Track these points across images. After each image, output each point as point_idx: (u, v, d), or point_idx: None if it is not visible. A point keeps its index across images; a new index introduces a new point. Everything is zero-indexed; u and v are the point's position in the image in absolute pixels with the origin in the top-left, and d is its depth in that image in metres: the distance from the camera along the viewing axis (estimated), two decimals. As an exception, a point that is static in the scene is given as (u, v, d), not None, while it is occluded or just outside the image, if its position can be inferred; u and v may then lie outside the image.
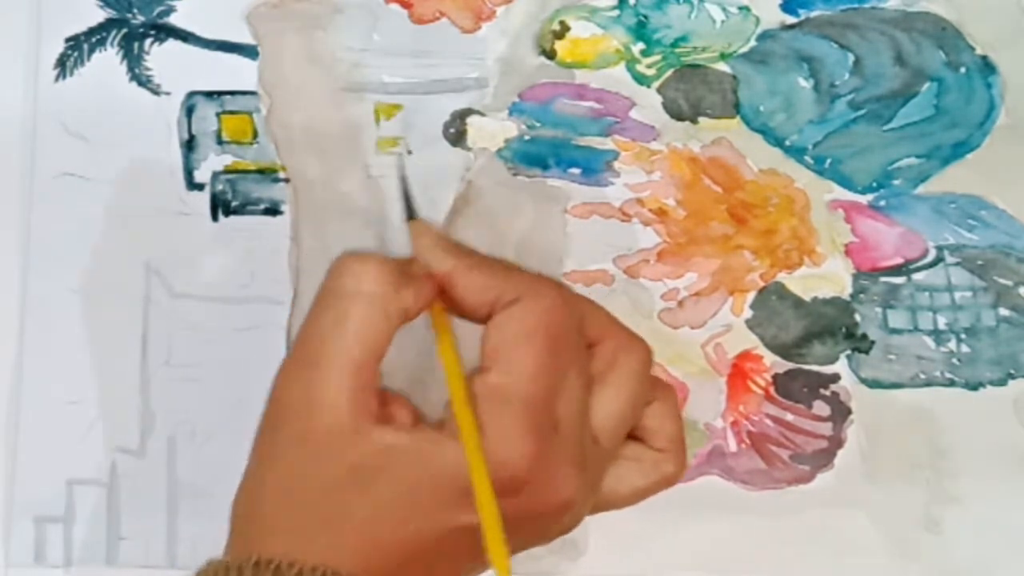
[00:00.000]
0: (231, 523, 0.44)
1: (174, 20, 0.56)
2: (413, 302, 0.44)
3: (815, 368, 0.53)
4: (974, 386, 0.53)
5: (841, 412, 0.53)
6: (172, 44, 0.55)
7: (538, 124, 0.54)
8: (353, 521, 0.42)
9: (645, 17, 0.55)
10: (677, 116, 0.55)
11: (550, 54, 0.55)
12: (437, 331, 0.45)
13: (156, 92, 0.55)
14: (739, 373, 0.53)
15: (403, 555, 0.42)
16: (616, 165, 0.54)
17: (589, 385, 0.44)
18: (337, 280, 0.43)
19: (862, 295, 0.54)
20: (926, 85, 0.55)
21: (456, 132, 0.55)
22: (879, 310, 0.53)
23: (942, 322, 0.53)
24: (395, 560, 0.42)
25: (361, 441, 0.42)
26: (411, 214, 0.49)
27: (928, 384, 0.53)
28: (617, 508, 0.47)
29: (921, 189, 0.54)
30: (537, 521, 0.43)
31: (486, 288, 0.44)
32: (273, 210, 0.54)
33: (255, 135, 0.55)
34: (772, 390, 0.53)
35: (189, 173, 0.54)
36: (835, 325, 0.53)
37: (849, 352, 0.53)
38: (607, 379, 0.45)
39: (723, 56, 0.55)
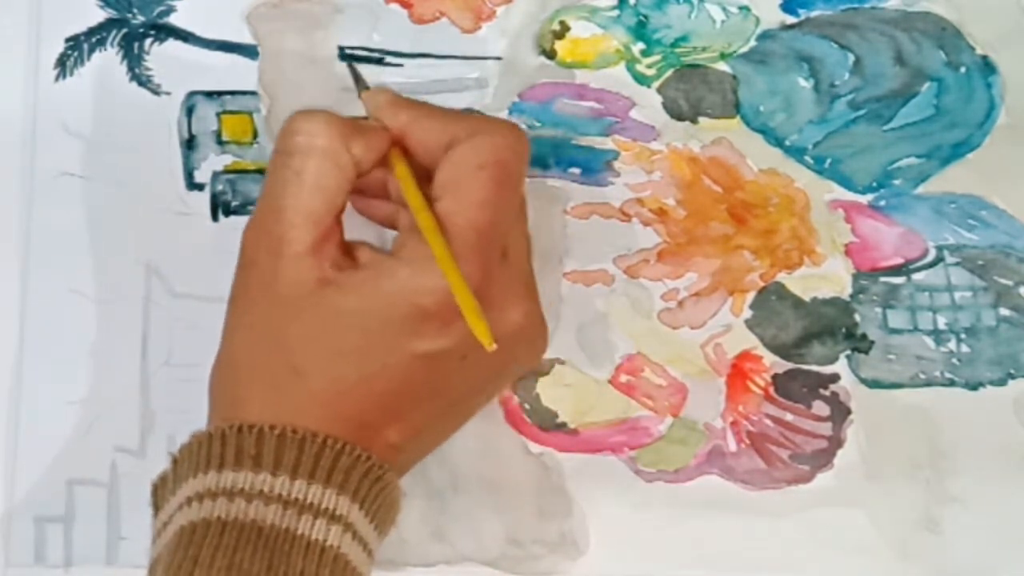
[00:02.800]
0: (209, 395, 0.46)
1: (174, 20, 0.56)
2: (365, 152, 0.45)
3: (815, 368, 0.53)
4: (974, 386, 0.53)
5: (841, 412, 0.53)
6: (172, 44, 0.55)
7: (538, 124, 0.54)
8: (320, 370, 0.44)
9: (645, 17, 0.55)
10: (677, 116, 0.55)
11: (550, 54, 0.55)
12: (393, 164, 0.46)
13: (156, 92, 0.55)
14: (739, 373, 0.53)
15: (371, 396, 0.44)
16: (616, 165, 0.54)
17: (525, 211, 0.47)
18: (290, 139, 0.45)
19: (862, 295, 0.54)
20: (926, 85, 0.55)
21: (456, 132, 0.55)
22: (879, 310, 0.53)
23: (942, 322, 0.53)
24: (364, 403, 0.44)
25: (324, 286, 0.44)
26: (364, 86, 0.50)
27: (928, 384, 0.53)
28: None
29: (921, 189, 0.54)
30: (496, 349, 0.44)
31: (442, 131, 0.46)
32: (273, 210, 0.54)
33: (255, 135, 0.55)
34: (772, 390, 0.53)
35: (189, 173, 0.54)
36: (835, 325, 0.53)
37: (849, 352, 0.53)
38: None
39: (723, 56, 0.55)
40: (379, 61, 0.55)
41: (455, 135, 0.46)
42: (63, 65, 0.55)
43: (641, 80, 0.55)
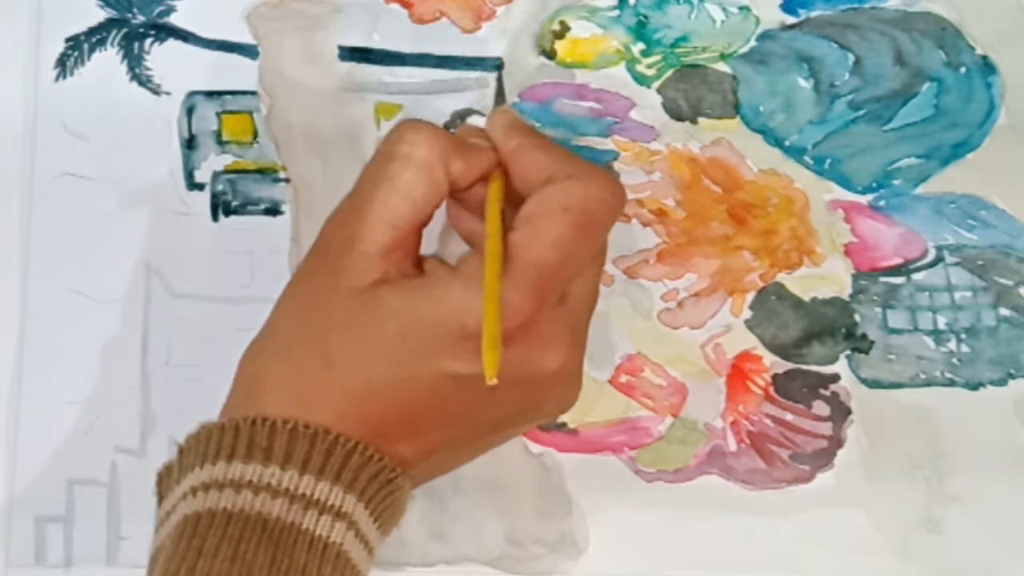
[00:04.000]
0: (235, 377, 0.46)
1: (174, 20, 0.56)
2: (463, 172, 0.46)
3: (815, 368, 0.53)
4: (974, 386, 0.53)
5: (841, 412, 0.53)
6: (172, 44, 0.55)
7: (538, 124, 0.54)
8: (350, 365, 0.43)
9: (645, 17, 0.55)
10: (677, 116, 0.55)
11: (550, 54, 0.55)
12: (489, 183, 0.47)
13: (156, 92, 0.55)
14: (739, 373, 0.53)
15: (395, 404, 0.43)
16: (616, 165, 0.54)
17: (599, 284, 0.47)
18: (393, 145, 0.46)
19: (862, 295, 0.54)
20: (926, 85, 0.55)
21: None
22: (879, 310, 0.53)
23: (942, 322, 0.53)
24: (386, 409, 0.43)
25: (379, 287, 0.44)
26: (501, 102, 0.52)
27: (928, 384, 0.53)
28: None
29: (921, 189, 0.54)
30: (524, 386, 0.44)
31: (543, 167, 0.46)
32: (273, 210, 0.54)
33: (255, 135, 0.55)
34: (772, 390, 0.53)
35: (189, 173, 0.54)
36: (835, 325, 0.53)
37: (849, 352, 0.53)
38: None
39: (723, 56, 0.55)
40: (379, 61, 0.55)
41: (554, 173, 0.46)
42: (63, 65, 0.55)
43: (641, 80, 0.55)
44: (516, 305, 0.43)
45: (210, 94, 0.55)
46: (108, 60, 0.55)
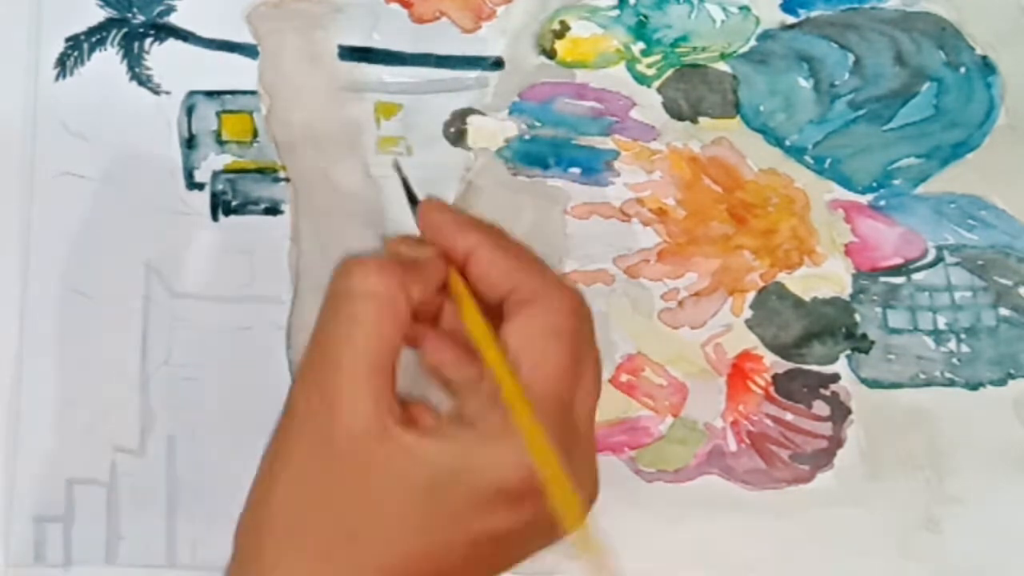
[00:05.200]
0: (234, 546, 0.42)
1: (174, 20, 0.56)
2: (422, 295, 0.43)
3: (815, 368, 0.53)
4: (974, 386, 0.53)
5: (841, 412, 0.53)
6: (172, 44, 0.55)
7: (538, 124, 0.54)
8: (380, 538, 0.40)
9: (645, 17, 0.55)
10: (677, 116, 0.55)
11: (550, 54, 0.55)
12: (458, 300, 0.44)
13: (156, 91, 0.55)
14: (739, 373, 0.53)
15: (433, 570, 0.40)
16: (616, 165, 0.54)
17: (598, 387, 0.44)
18: (344, 282, 0.42)
19: (862, 295, 0.54)
20: (926, 85, 0.55)
21: (456, 132, 0.55)
22: (879, 310, 0.53)
23: (942, 322, 0.53)
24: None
25: (388, 444, 0.40)
26: (415, 198, 0.48)
27: (928, 384, 0.53)
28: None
29: (921, 189, 0.54)
30: (554, 524, 0.42)
31: (507, 274, 0.43)
32: (273, 210, 0.54)
33: (255, 135, 0.55)
34: (772, 390, 0.53)
35: (189, 173, 0.54)
36: (835, 325, 0.53)
37: (849, 352, 0.53)
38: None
39: (723, 56, 0.55)
40: (379, 60, 0.55)
41: (518, 286, 0.43)
42: (63, 65, 0.55)
43: (641, 80, 0.55)
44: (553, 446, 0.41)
45: (210, 94, 0.55)
46: (108, 60, 0.55)
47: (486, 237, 0.44)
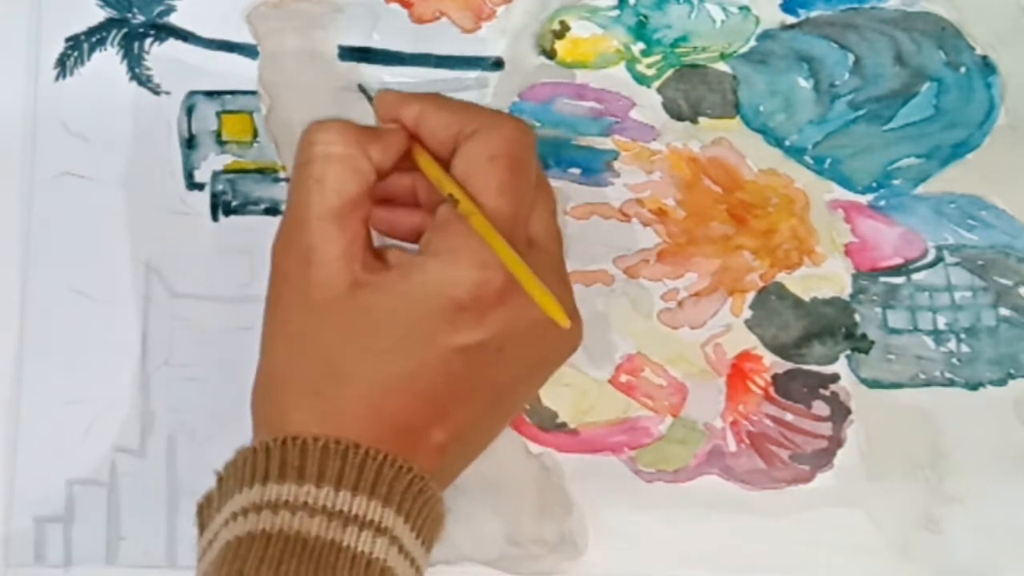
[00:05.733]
0: (252, 414, 0.46)
1: (174, 20, 0.56)
2: (383, 154, 0.46)
3: (815, 368, 0.53)
4: (974, 386, 0.53)
5: (841, 412, 0.53)
6: (172, 44, 0.55)
7: (538, 124, 0.54)
8: (361, 372, 0.44)
9: (645, 17, 0.55)
10: (677, 116, 0.55)
11: (550, 54, 0.55)
12: (416, 158, 0.47)
13: (156, 92, 0.55)
14: (739, 373, 0.53)
15: (413, 394, 0.44)
16: (616, 165, 0.54)
17: (555, 211, 0.48)
18: (307, 149, 0.46)
19: (862, 295, 0.54)
20: (926, 85, 0.55)
21: (456, 132, 0.55)
22: (879, 310, 0.53)
23: (942, 322, 0.53)
24: (407, 403, 0.44)
25: (356, 288, 0.44)
26: (371, 97, 0.51)
27: (928, 384, 0.53)
28: None
29: (921, 189, 0.54)
30: (527, 338, 0.45)
31: (451, 123, 0.47)
32: (273, 210, 0.54)
33: (255, 135, 0.55)
34: (771, 390, 0.53)
35: (189, 173, 0.54)
36: (835, 325, 0.53)
37: (849, 352, 0.53)
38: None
39: (723, 56, 0.55)
40: (379, 61, 0.55)
41: (462, 127, 0.46)
42: (63, 65, 0.55)
43: (641, 80, 0.55)
44: (497, 261, 0.44)
45: (210, 94, 0.55)
46: (108, 60, 0.55)
47: (429, 100, 0.48)
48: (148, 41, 0.55)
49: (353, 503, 0.42)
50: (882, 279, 0.54)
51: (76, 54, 0.55)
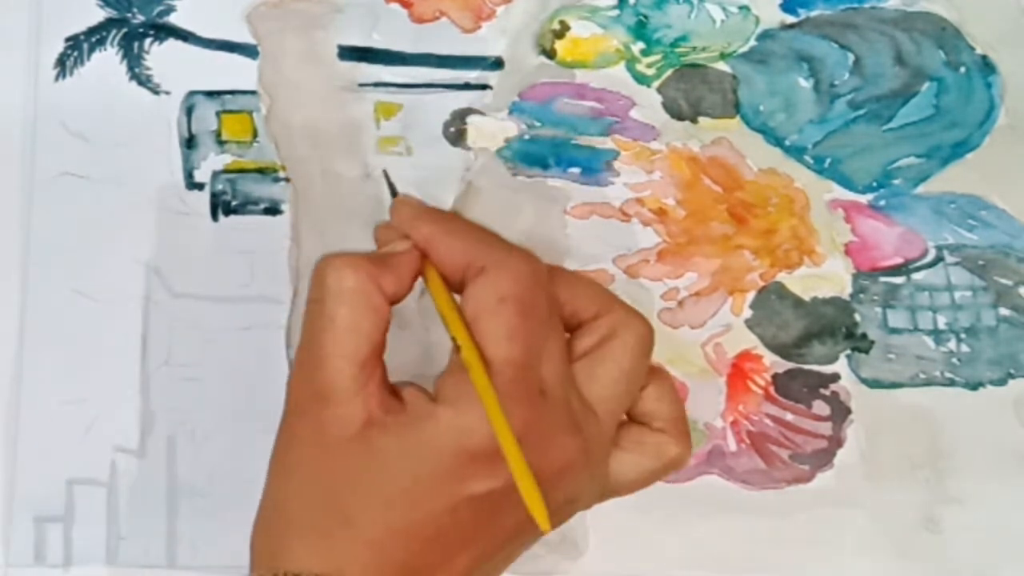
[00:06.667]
0: (252, 544, 0.45)
1: (174, 20, 0.56)
2: (396, 286, 0.45)
3: (815, 368, 0.53)
4: (974, 386, 0.53)
5: (841, 412, 0.53)
6: (172, 44, 0.55)
7: (538, 124, 0.54)
8: (370, 517, 0.43)
9: (645, 17, 0.55)
10: (677, 116, 0.55)
11: (550, 54, 0.55)
12: (429, 286, 0.46)
13: (156, 91, 0.55)
14: (739, 373, 0.53)
15: (420, 540, 0.43)
16: (616, 165, 0.54)
17: (567, 353, 0.46)
18: (319, 285, 0.45)
19: (862, 295, 0.54)
20: (926, 85, 0.55)
21: (456, 132, 0.55)
22: (879, 310, 0.53)
23: (942, 322, 0.53)
24: (413, 548, 0.43)
25: (371, 430, 0.43)
26: (394, 193, 0.50)
27: (928, 384, 0.53)
28: (625, 494, 0.48)
29: (921, 189, 0.54)
30: (542, 488, 0.43)
31: (461, 253, 0.45)
32: (273, 210, 0.54)
33: (255, 135, 0.55)
34: (772, 390, 0.53)
35: (189, 173, 0.54)
36: (835, 325, 0.53)
37: (849, 352, 0.53)
38: (604, 352, 0.46)
39: (723, 56, 0.55)
40: (379, 60, 0.55)
41: (472, 261, 0.45)
42: (63, 65, 0.55)
43: (641, 80, 0.55)
44: (508, 412, 0.42)
45: (210, 94, 0.55)
46: (108, 60, 0.55)
47: (440, 223, 0.46)
48: (148, 41, 0.55)
49: None
50: (882, 279, 0.54)
51: (76, 54, 0.55)
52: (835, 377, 0.53)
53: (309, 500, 0.44)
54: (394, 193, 0.50)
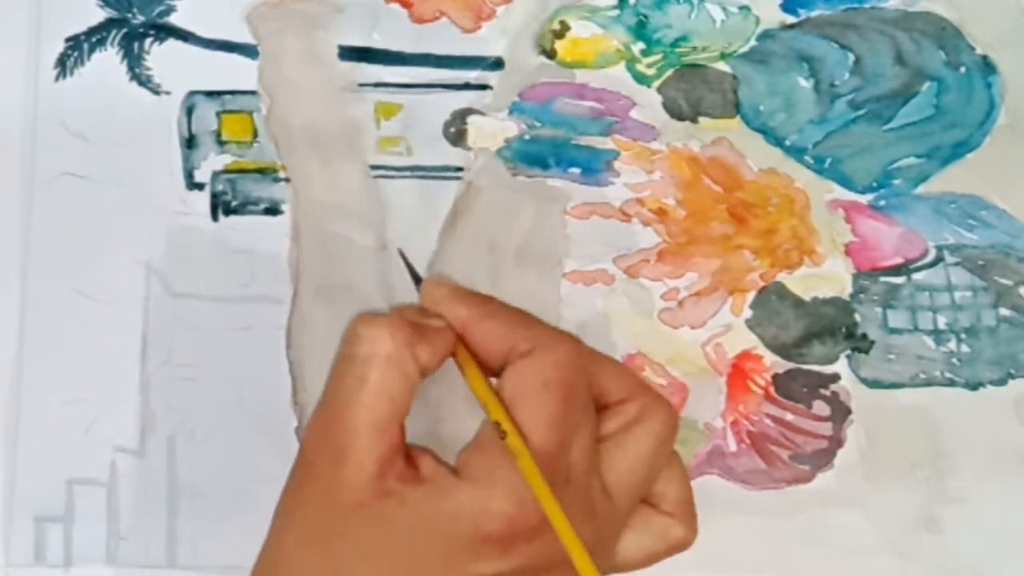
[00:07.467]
0: None
1: (174, 20, 0.56)
2: (429, 358, 0.44)
3: (815, 368, 0.53)
4: (974, 386, 0.53)
5: (841, 412, 0.53)
6: (172, 44, 0.55)
7: (538, 124, 0.55)
8: None
9: (645, 17, 0.55)
10: (677, 116, 0.55)
11: (550, 54, 0.55)
12: (462, 367, 0.45)
13: (156, 92, 0.55)
14: (739, 373, 0.53)
15: None
16: (616, 165, 0.54)
17: (597, 439, 0.44)
18: (354, 345, 0.43)
19: (862, 295, 0.54)
20: (926, 85, 0.55)
21: (456, 132, 0.55)
22: (879, 310, 0.53)
23: (942, 322, 0.53)
24: None
25: (386, 499, 0.42)
26: (418, 278, 0.49)
27: (928, 384, 0.53)
28: (628, 572, 0.47)
29: (921, 189, 0.54)
30: (549, 572, 0.43)
31: (502, 337, 0.44)
32: (273, 210, 0.54)
33: (255, 135, 0.55)
34: (772, 390, 0.53)
35: (189, 173, 0.54)
36: (835, 325, 0.53)
37: (849, 352, 0.53)
38: (628, 438, 0.45)
39: (723, 56, 0.55)
40: (379, 60, 0.55)
41: (515, 344, 0.44)
42: (63, 65, 0.55)
43: (641, 80, 0.55)
44: (536, 501, 0.42)
45: (210, 94, 0.55)
46: (108, 60, 0.55)
47: (478, 307, 0.45)
48: (148, 41, 0.55)
49: None
50: (882, 279, 0.54)
51: (76, 54, 0.55)
52: (835, 377, 0.53)
53: (311, 560, 0.43)
54: (414, 274, 0.49)
